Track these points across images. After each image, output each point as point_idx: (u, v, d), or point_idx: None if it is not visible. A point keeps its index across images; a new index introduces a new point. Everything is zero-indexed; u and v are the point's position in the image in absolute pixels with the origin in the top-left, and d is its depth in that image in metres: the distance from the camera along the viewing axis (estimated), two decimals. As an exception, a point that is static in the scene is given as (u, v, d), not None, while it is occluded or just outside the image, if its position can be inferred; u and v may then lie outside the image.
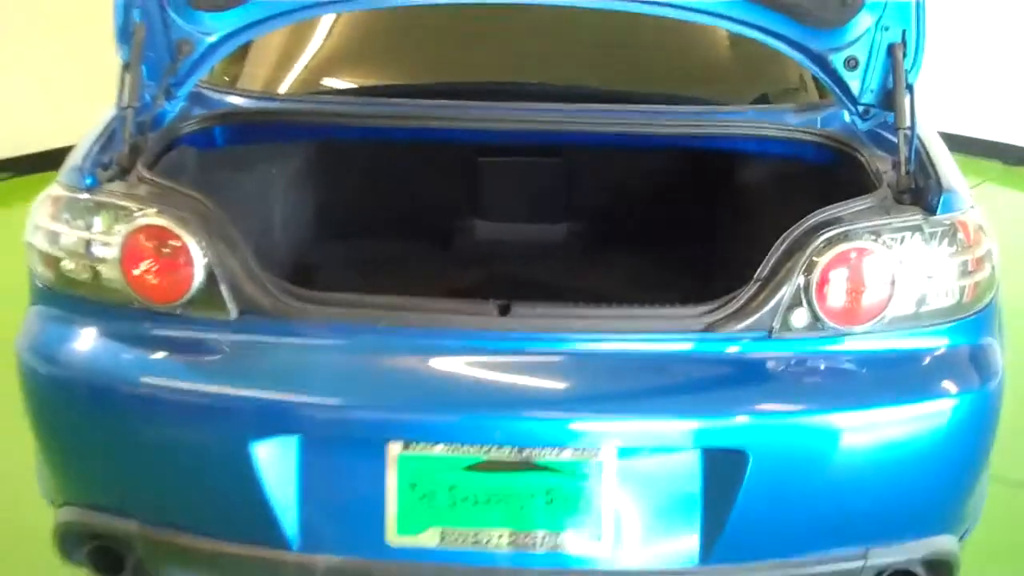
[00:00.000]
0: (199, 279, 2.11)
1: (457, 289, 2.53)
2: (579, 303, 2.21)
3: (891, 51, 2.37)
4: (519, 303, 2.13)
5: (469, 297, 2.20)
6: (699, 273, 2.94)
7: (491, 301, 2.14)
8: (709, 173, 2.91)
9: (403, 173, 3.05)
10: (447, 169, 3.04)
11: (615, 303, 2.20)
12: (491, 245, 3.11)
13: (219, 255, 2.12)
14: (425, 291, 2.24)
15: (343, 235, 3.10)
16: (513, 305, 2.13)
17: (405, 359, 2.11)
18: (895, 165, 2.30)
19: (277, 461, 2.06)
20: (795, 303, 2.08)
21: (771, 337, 2.09)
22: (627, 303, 2.19)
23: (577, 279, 2.93)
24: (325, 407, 2.09)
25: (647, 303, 2.18)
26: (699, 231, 3.02)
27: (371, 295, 2.18)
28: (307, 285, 2.27)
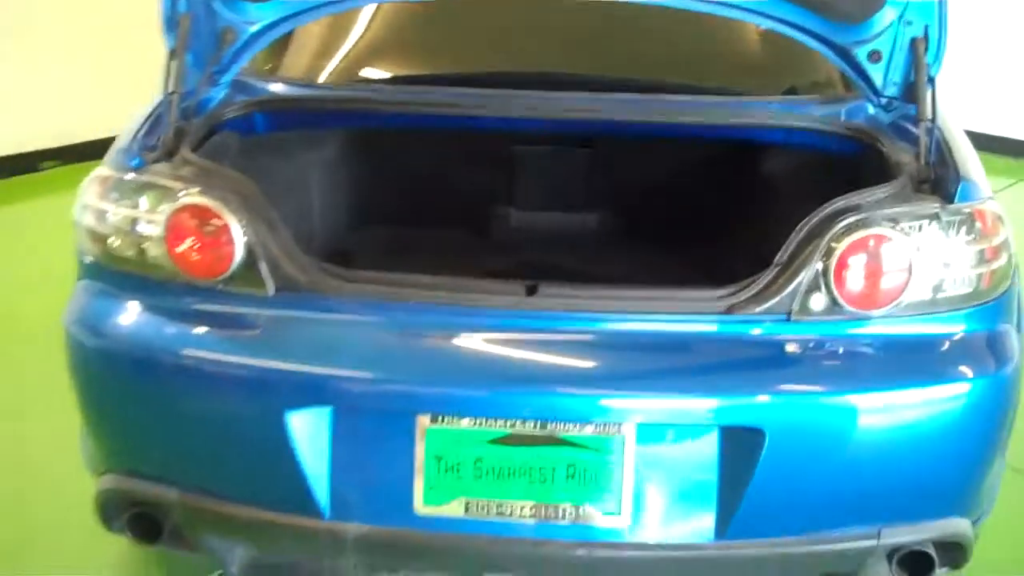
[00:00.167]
0: (239, 257, 2.19)
1: (488, 272, 2.57)
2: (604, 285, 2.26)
3: (913, 45, 2.43)
4: (546, 284, 2.19)
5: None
6: (724, 261, 2.97)
7: (519, 282, 2.21)
8: (736, 163, 2.95)
9: (438, 161, 3.09)
10: (481, 157, 3.08)
11: (639, 286, 2.25)
12: (523, 232, 3.14)
13: (259, 234, 2.20)
14: (456, 274, 2.29)
15: (378, 221, 3.15)
16: (540, 286, 2.19)
17: (434, 336, 2.17)
18: (916, 156, 2.34)
19: (310, 432, 2.12)
20: (814, 287, 2.13)
21: (790, 320, 2.13)
22: (651, 286, 2.24)
23: (605, 266, 2.97)
24: (357, 380, 2.15)
25: (670, 285, 2.23)
26: (725, 221, 3.06)
27: (403, 274, 2.24)
28: (342, 268, 2.32)
